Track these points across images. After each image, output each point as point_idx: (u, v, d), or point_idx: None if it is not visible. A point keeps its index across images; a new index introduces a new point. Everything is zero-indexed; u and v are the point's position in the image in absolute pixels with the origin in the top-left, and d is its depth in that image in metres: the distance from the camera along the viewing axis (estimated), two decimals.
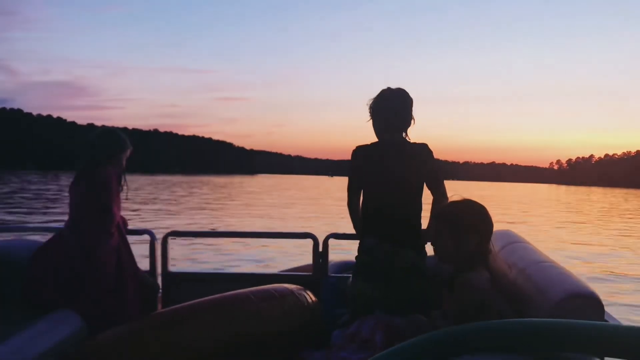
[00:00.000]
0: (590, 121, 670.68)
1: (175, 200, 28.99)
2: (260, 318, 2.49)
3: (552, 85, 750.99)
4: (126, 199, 2.91)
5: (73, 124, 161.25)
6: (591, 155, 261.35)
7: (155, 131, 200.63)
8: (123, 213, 2.92)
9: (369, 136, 2.71)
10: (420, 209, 2.61)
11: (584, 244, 14.79)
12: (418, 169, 2.57)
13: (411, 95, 2.61)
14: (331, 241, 3.12)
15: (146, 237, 3.15)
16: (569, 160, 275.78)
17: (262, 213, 22.15)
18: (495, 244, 2.22)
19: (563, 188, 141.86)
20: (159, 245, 3.12)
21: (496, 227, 2.04)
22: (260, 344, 2.48)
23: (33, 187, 37.22)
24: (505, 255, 2.17)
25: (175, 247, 8.19)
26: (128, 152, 2.92)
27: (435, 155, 2.63)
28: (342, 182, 2.76)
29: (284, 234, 4.99)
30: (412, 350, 1.31)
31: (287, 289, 2.70)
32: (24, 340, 2.17)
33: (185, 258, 9.49)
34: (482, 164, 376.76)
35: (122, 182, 2.87)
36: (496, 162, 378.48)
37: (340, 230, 3.18)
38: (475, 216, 1.94)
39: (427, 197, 2.65)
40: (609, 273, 10.04)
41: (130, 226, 3.03)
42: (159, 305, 3.01)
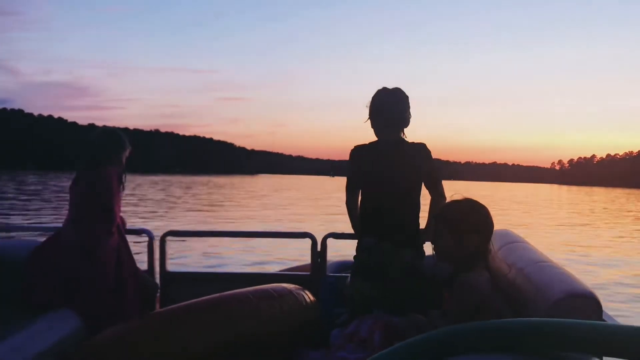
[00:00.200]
0: (592, 121, 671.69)
1: (173, 200, 28.92)
2: (258, 318, 2.48)
3: (553, 85, 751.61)
4: (124, 199, 2.91)
5: (74, 124, 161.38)
6: (593, 155, 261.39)
7: (157, 131, 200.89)
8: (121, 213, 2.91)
9: (370, 136, 2.70)
10: (418, 209, 2.61)
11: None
12: (416, 169, 2.57)
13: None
14: (329, 241, 3.12)
15: (144, 237, 3.15)
16: (571, 161, 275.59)
17: (261, 213, 22.13)
18: (494, 244, 2.21)
19: (565, 188, 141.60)
20: (157, 245, 3.12)
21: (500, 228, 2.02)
22: (258, 344, 2.48)
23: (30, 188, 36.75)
24: (504, 255, 2.17)
25: (173, 247, 8.17)
26: (127, 152, 2.93)
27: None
28: (343, 182, 2.75)
29: (282, 234, 5.00)
30: (411, 349, 1.31)
31: (286, 288, 2.69)
32: (23, 339, 2.17)
33: (183, 258, 9.46)
34: (484, 164, 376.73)
35: (123, 182, 2.87)
36: (497, 163, 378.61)
37: (339, 230, 3.18)
38: (476, 216, 1.94)
39: (425, 197, 2.64)
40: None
41: (127, 225, 3.03)
42: (157, 305, 3.01)
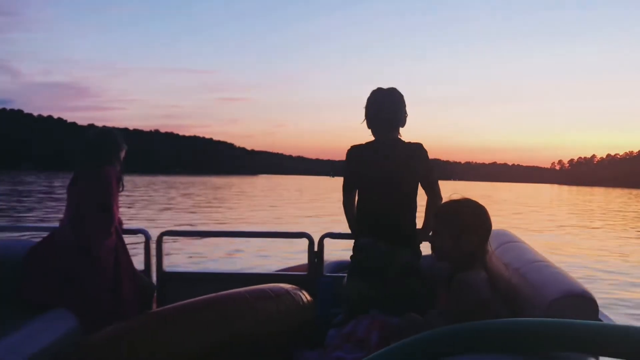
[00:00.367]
0: (592, 121, 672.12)
1: (170, 200, 28.83)
2: (255, 317, 2.47)
3: (553, 85, 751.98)
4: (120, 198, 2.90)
5: (74, 124, 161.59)
6: (593, 155, 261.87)
7: (156, 132, 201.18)
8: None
9: (369, 136, 2.70)
10: (415, 209, 2.61)
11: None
12: (413, 169, 2.57)
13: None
14: (326, 240, 3.11)
15: (141, 237, 3.14)
16: (571, 161, 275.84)
17: (258, 213, 22.07)
18: (491, 244, 2.21)
19: (565, 188, 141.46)
20: (154, 245, 3.11)
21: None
22: (255, 344, 2.47)
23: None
24: (501, 255, 2.17)
25: (170, 247, 8.12)
26: (124, 152, 2.93)
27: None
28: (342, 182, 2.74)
29: (279, 234, 4.99)
30: (407, 349, 1.30)
31: (283, 288, 2.69)
32: (19, 339, 2.16)
33: (180, 257, 9.43)
34: (484, 164, 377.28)
35: (122, 182, 2.86)
36: (498, 163, 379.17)
37: (336, 230, 3.17)
38: (475, 216, 1.93)
39: (422, 197, 2.64)
40: None
41: (124, 225, 3.02)
42: (154, 305, 3.00)
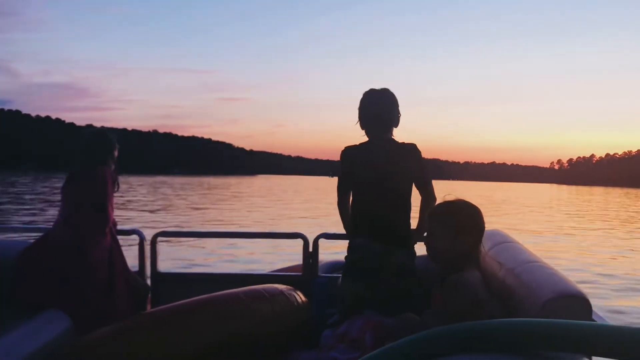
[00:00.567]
0: (591, 121, 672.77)
1: (166, 201, 28.69)
2: (250, 318, 2.46)
3: (553, 85, 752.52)
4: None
5: (72, 125, 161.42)
6: (592, 155, 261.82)
7: (155, 132, 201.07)
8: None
9: (364, 137, 2.68)
10: (409, 209, 2.61)
11: None
12: (407, 169, 2.57)
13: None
14: (321, 241, 3.10)
15: (135, 238, 3.13)
16: (570, 160, 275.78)
17: (255, 213, 22.04)
18: (485, 244, 2.22)
19: (564, 188, 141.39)
20: (148, 246, 3.10)
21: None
22: (250, 344, 2.46)
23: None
24: (495, 255, 2.17)
25: (164, 248, 8.03)
26: (116, 152, 2.91)
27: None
28: None
29: (274, 234, 4.99)
30: (402, 350, 1.31)
31: (277, 289, 2.68)
32: (12, 341, 2.15)
33: (174, 258, 9.38)
34: (483, 163, 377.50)
35: (117, 182, 2.85)
36: (497, 162, 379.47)
37: (331, 231, 3.17)
38: (470, 216, 1.95)
39: (415, 197, 2.63)
40: None
41: (118, 226, 3.00)
42: (148, 306, 2.99)
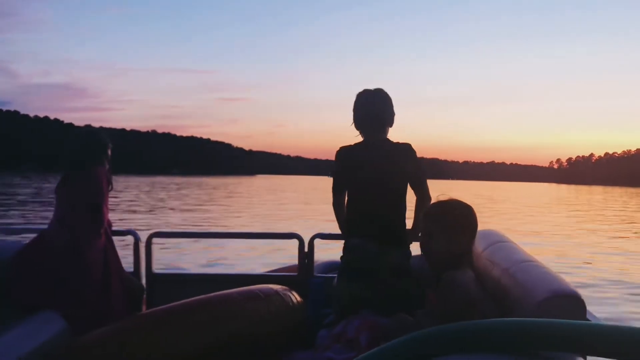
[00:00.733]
0: (590, 120, 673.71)
1: (162, 201, 28.53)
2: (245, 319, 2.46)
3: (552, 85, 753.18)
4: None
5: (70, 125, 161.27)
6: (591, 154, 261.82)
7: (153, 132, 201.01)
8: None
9: (358, 137, 2.67)
10: (404, 209, 2.61)
11: None
12: (402, 169, 2.57)
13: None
14: (317, 241, 3.09)
15: (130, 238, 3.12)
16: (569, 159, 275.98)
17: (251, 214, 21.97)
18: (479, 244, 2.23)
19: (563, 187, 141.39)
20: (143, 246, 3.09)
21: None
22: (245, 345, 2.46)
23: None
24: (490, 255, 2.17)
25: (159, 248, 8.00)
26: (110, 151, 2.90)
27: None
28: None
29: (269, 235, 4.99)
30: (397, 350, 1.30)
31: (273, 289, 2.67)
32: (7, 342, 2.14)
33: (170, 259, 9.32)
34: (482, 163, 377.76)
35: (111, 182, 2.84)
36: (496, 162, 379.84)
37: (327, 231, 3.16)
38: (463, 216, 1.96)
39: (411, 197, 2.63)
40: None
41: (113, 227, 2.99)
42: (144, 307, 2.98)
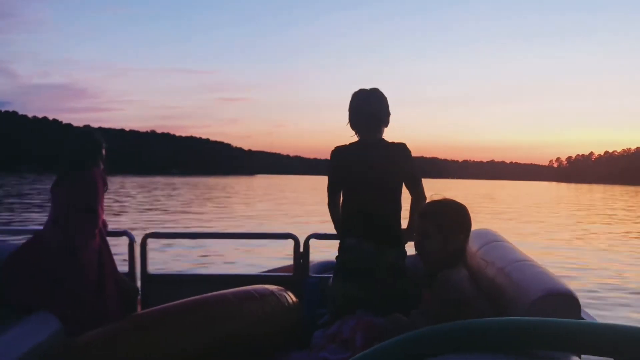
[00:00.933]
0: (590, 119, 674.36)
1: (158, 202, 28.27)
2: (240, 319, 2.46)
3: (551, 84, 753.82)
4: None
5: (69, 126, 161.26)
6: (591, 153, 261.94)
7: (153, 132, 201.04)
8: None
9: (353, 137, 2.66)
10: (399, 209, 2.61)
11: None
12: (397, 169, 2.57)
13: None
14: (312, 241, 3.09)
15: (125, 239, 3.10)
16: (569, 158, 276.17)
17: (246, 214, 21.93)
18: (474, 243, 2.24)
19: (563, 186, 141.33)
20: (138, 247, 3.08)
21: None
22: (240, 345, 2.46)
23: None
24: (484, 254, 2.16)
25: (154, 249, 7.93)
26: (104, 151, 2.90)
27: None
28: None
29: (264, 235, 4.96)
30: (392, 350, 1.31)
31: (268, 289, 2.67)
32: (2, 343, 2.13)
33: (165, 260, 9.26)
34: (481, 162, 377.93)
35: (106, 183, 2.83)
36: (495, 161, 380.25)
37: (322, 231, 3.15)
38: (460, 215, 1.97)
39: (406, 197, 2.63)
40: None
41: (108, 227, 2.98)
42: (139, 308, 2.98)
